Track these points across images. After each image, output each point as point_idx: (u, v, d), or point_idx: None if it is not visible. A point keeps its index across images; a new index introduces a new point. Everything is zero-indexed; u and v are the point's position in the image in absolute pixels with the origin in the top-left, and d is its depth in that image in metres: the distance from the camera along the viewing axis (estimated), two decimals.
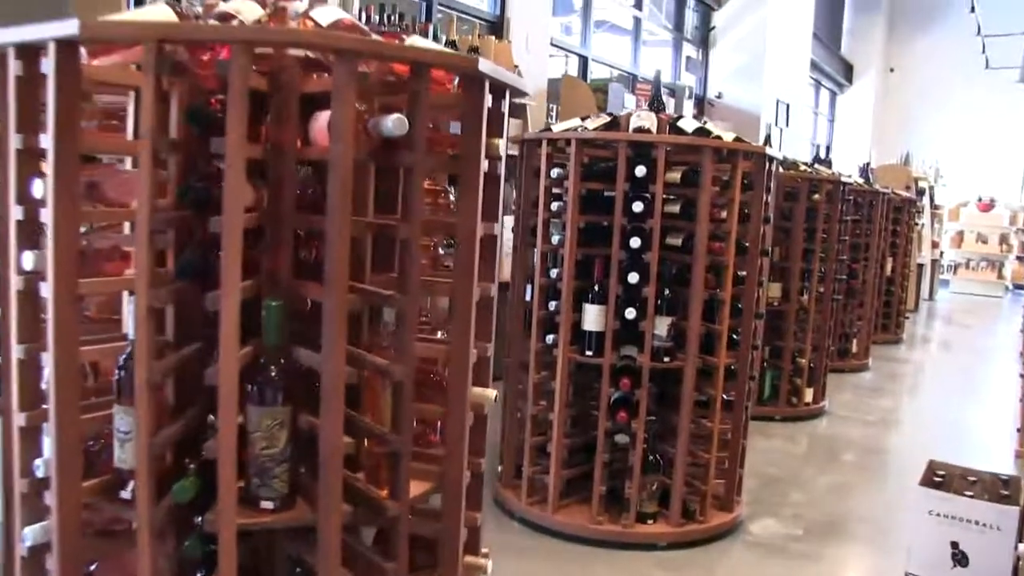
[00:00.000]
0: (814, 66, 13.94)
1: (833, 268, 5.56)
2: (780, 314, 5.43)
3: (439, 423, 1.86)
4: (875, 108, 17.68)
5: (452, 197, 1.97)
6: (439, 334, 1.95)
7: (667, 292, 3.31)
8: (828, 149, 7.14)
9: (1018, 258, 16.19)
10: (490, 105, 1.70)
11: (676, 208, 3.37)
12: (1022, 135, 17.48)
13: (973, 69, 16.55)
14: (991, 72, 16.34)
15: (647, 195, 3.23)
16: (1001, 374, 7.97)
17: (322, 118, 1.58)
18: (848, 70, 17.32)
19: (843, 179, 5.58)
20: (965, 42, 16.19)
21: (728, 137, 3.40)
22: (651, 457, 3.33)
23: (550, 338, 3.42)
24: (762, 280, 3.68)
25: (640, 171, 3.22)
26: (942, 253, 14.91)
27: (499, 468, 3.68)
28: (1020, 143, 17.46)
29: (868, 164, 9.13)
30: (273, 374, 1.56)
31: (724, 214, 3.37)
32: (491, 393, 1.78)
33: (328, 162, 1.49)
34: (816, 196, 5.31)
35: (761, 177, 3.48)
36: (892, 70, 18.08)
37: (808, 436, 5.15)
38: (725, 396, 3.46)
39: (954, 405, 6.47)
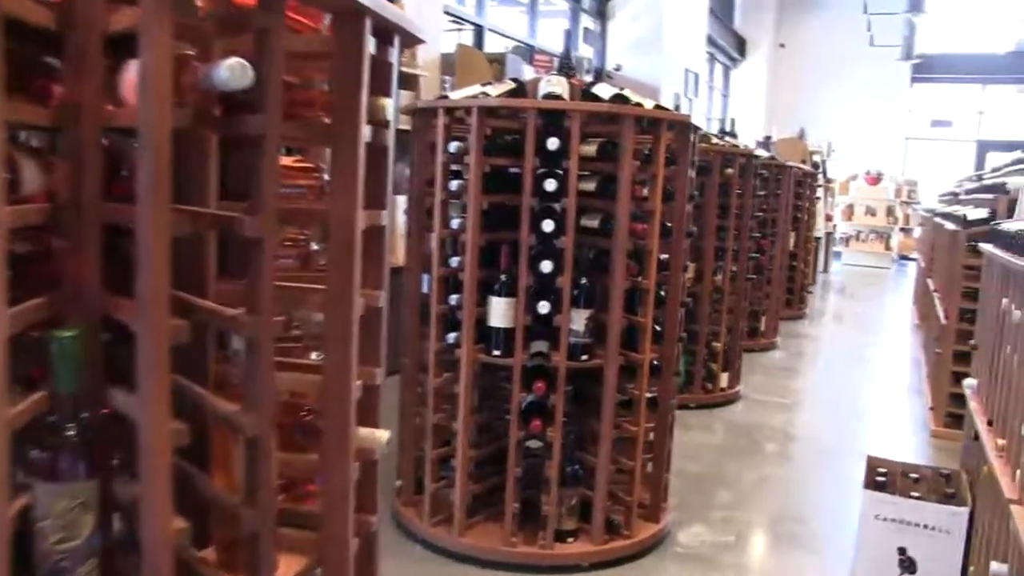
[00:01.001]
0: (709, 40, 13.85)
1: (747, 246, 5.32)
2: (694, 296, 5.14)
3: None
4: (768, 83, 17.83)
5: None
6: (314, 355, 1.50)
7: (584, 281, 2.93)
8: (732, 122, 6.91)
9: (902, 230, 16.64)
10: (374, 52, 1.27)
11: (592, 186, 2.99)
12: (904, 110, 18.02)
13: (859, 46, 16.89)
14: (876, 49, 16.70)
15: (560, 171, 2.83)
16: (901, 346, 8.00)
17: (133, 68, 1.12)
18: (741, 44, 17.39)
19: (755, 152, 5.33)
20: (852, 19, 16.48)
21: (648, 105, 3.03)
22: (570, 468, 2.97)
23: (452, 336, 3.00)
24: (687, 264, 3.34)
25: (552, 144, 2.81)
26: (835, 226, 15.14)
27: (397, 483, 3.26)
28: (902, 118, 17.99)
29: (769, 138, 9.03)
30: (70, 434, 1.10)
31: (646, 191, 3.01)
32: (383, 436, 1.36)
33: (137, 129, 1.03)
34: (729, 170, 5.04)
35: (685, 150, 3.14)
36: (783, 45, 18.27)
37: (726, 424, 4.91)
38: (649, 394, 3.12)
39: (864, 382, 6.38)
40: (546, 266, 2.85)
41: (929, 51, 16.96)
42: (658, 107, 3.10)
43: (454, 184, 2.96)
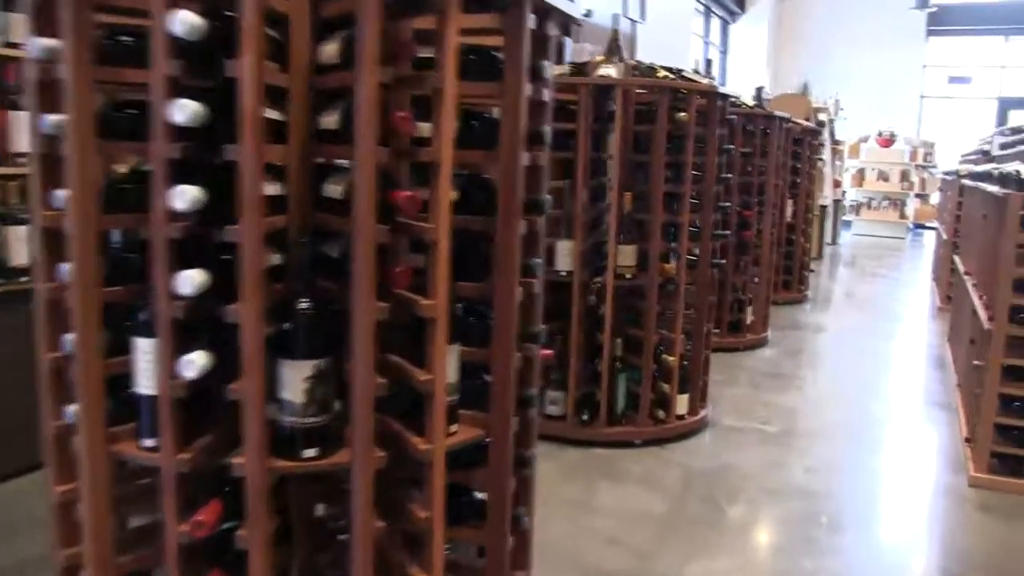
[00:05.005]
0: None
1: (711, 219, 3.87)
2: (636, 291, 3.73)
3: None
4: (770, 38, 16.25)
5: None
6: None
7: None
8: (709, 63, 5.48)
9: (917, 196, 15.11)
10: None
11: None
12: (919, 66, 16.39)
13: None
14: None
15: None
16: (920, 337, 6.55)
17: None
18: None
19: (724, 92, 3.87)
20: None
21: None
22: None
23: None
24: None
25: None
26: (844, 193, 13.64)
27: None
28: (916, 73, 16.37)
29: (761, 88, 7.53)
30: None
31: None
32: None
33: None
34: (682, 114, 3.59)
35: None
36: None
37: (679, 474, 3.49)
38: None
39: (875, 393, 4.95)
40: None
41: (946, 0, 15.37)
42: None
43: None
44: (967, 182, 5.48)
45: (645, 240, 3.67)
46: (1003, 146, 5.45)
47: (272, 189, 1.46)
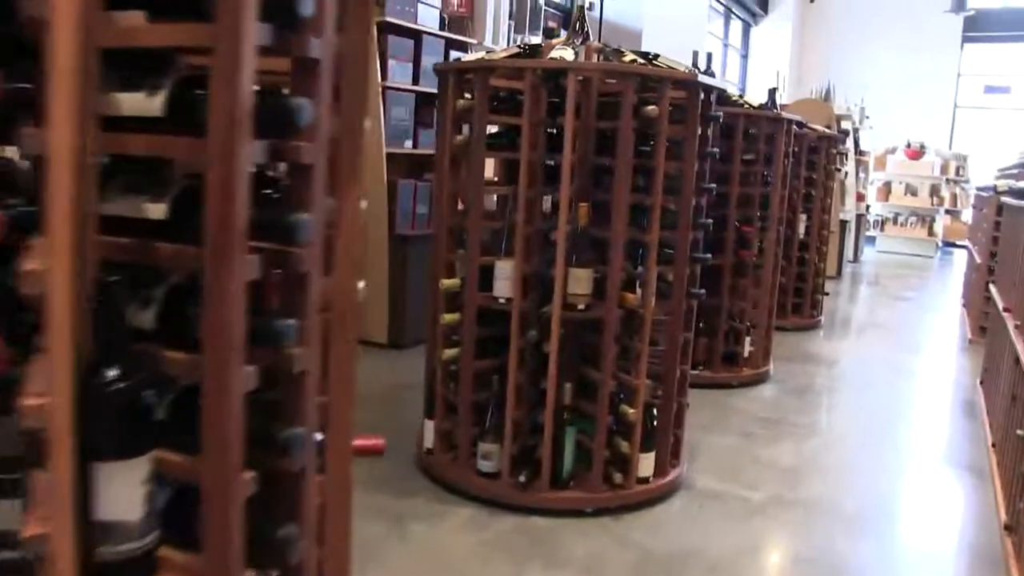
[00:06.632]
0: None
1: (691, 238, 3.14)
2: (591, 325, 3.01)
3: None
4: (793, 43, 15.43)
5: None
6: None
7: None
8: (710, 57, 4.73)
9: (948, 212, 14.22)
10: None
11: None
12: (953, 74, 15.50)
13: None
14: (920, 1, 14.28)
15: None
16: (947, 377, 5.76)
17: None
18: None
19: (708, 83, 3.13)
20: None
21: None
22: None
23: None
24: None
25: None
26: (868, 207, 12.79)
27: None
28: (950, 82, 15.48)
29: (775, 90, 6.76)
30: None
31: None
32: None
33: None
34: (650, 108, 2.86)
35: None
36: (812, 0, 15.83)
37: (633, 559, 2.74)
38: None
39: (893, 448, 4.17)
40: None
41: (983, 4, 14.48)
42: None
43: None
44: (1009, 200, 4.70)
45: (604, 262, 2.96)
46: None
47: None
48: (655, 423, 3.13)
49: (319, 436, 1.35)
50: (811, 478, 3.57)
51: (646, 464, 3.11)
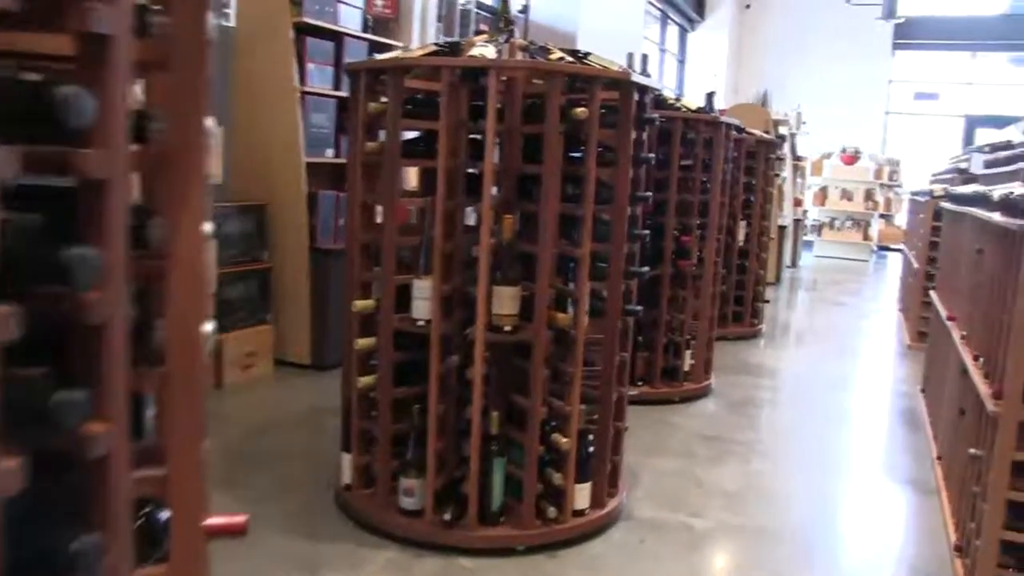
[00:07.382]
0: None
1: (626, 250, 2.92)
2: (518, 348, 2.77)
3: None
4: (730, 48, 15.45)
5: None
6: None
7: None
8: (645, 59, 4.55)
9: (882, 216, 14.35)
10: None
11: None
12: (885, 81, 15.69)
13: (835, 4, 14.58)
14: (854, 8, 14.40)
15: None
16: (886, 383, 5.66)
17: None
18: (699, 4, 14.99)
19: (642, 83, 2.91)
20: None
21: None
22: None
23: None
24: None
25: None
26: (805, 212, 12.81)
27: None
28: (882, 88, 15.66)
29: (712, 94, 6.64)
30: None
31: None
32: None
33: None
34: (579, 110, 2.63)
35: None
36: (748, 5, 15.89)
37: None
38: None
39: (838, 470, 4.02)
40: None
41: (913, 13, 14.67)
42: None
43: None
44: (949, 205, 4.60)
45: (532, 279, 2.72)
46: (988, 164, 4.57)
47: None
48: (590, 451, 2.90)
49: (164, 515, 1.09)
50: (756, 503, 3.36)
51: (582, 495, 2.87)
